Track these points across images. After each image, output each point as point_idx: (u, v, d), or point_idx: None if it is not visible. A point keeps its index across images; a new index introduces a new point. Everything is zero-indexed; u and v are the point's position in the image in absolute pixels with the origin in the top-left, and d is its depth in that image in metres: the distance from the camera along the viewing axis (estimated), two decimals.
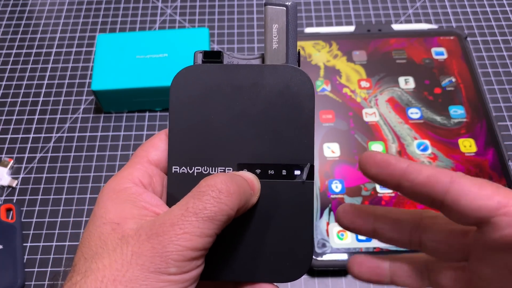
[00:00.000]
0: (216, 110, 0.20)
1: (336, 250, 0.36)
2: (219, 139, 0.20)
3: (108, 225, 0.19)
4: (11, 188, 0.42)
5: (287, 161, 0.20)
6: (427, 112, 0.43)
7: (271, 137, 0.20)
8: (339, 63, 0.47)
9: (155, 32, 0.47)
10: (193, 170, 0.20)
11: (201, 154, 0.20)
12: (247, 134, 0.20)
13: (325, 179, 0.40)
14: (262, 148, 0.20)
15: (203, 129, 0.20)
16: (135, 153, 0.22)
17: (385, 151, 0.41)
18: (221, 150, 0.20)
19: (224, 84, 0.21)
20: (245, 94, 0.20)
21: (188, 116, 0.21)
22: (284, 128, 0.20)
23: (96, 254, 0.18)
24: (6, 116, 0.46)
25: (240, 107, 0.20)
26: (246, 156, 0.20)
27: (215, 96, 0.21)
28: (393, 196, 0.39)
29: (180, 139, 0.21)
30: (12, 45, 0.51)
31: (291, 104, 0.20)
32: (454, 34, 0.48)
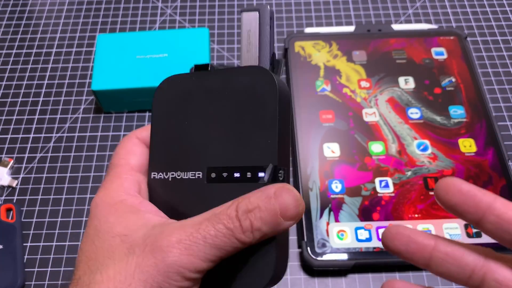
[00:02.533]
0: (189, 117, 0.21)
1: (336, 250, 0.36)
2: (191, 145, 0.21)
3: (118, 238, 0.19)
4: (11, 188, 0.42)
5: (251, 163, 0.19)
6: (427, 112, 0.43)
7: (237, 139, 0.20)
8: (339, 63, 0.47)
9: (155, 32, 0.47)
10: (168, 175, 0.21)
11: (175, 160, 0.21)
12: (217, 138, 0.20)
13: (325, 179, 0.40)
14: (229, 151, 0.20)
15: (177, 135, 0.21)
16: (114, 162, 0.22)
17: (385, 151, 0.41)
18: (193, 155, 0.21)
19: (197, 91, 0.21)
20: (215, 98, 0.21)
21: (166, 125, 0.21)
22: (249, 130, 0.20)
23: (103, 265, 0.18)
24: (6, 116, 0.46)
25: (210, 112, 0.21)
26: (215, 160, 0.20)
27: (189, 104, 0.21)
28: (393, 196, 0.39)
29: (159, 147, 0.21)
30: (12, 45, 0.51)
31: (256, 105, 0.20)
32: (454, 34, 0.48)
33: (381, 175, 0.40)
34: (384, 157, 0.41)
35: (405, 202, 0.38)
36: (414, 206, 0.38)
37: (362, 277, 0.37)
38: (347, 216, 0.38)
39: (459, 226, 0.37)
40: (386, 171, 0.40)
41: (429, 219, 0.37)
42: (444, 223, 0.37)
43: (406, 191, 0.39)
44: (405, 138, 0.42)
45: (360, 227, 0.37)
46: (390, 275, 0.37)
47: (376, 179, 0.39)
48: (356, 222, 0.37)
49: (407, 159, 0.41)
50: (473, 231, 0.37)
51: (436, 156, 0.41)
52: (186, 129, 0.21)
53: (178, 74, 0.22)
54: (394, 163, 0.40)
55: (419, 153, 0.41)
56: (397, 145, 0.42)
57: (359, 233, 0.37)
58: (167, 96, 0.22)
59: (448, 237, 0.36)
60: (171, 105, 0.21)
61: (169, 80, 0.22)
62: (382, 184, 0.39)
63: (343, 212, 0.38)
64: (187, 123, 0.21)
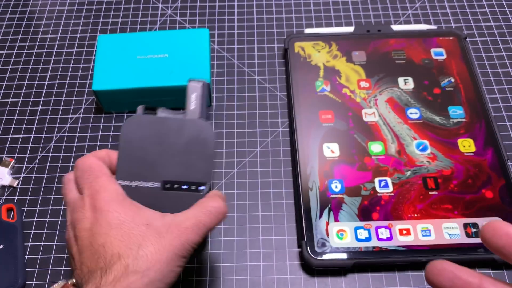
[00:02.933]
0: (149, 145, 0.29)
1: (336, 249, 0.36)
2: (151, 164, 0.29)
3: (143, 226, 0.26)
4: (12, 188, 0.42)
5: (196, 180, 0.29)
6: (426, 112, 0.44)
7: (186, 165, 0.29)
8: (339, 63, 0.47)
9: (155, 33, 0.48)
10: (132, 183, 0.29)
11: (138, 173, 0.29)
12: (170, 161, 0.29)
13: (325, 178, 0.40)
14: (180, 172, 0.29)
15: (140, 157, 0.29)
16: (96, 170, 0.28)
17: (385, 151, 0.41)
18: (152, 171, 0.29)
19: (156, 129, 0.30)
20: (170, 136, 0.30)
21: (132, 147, 0.29)
22: (194, 159, 0.29)
23: (141, 244, 0.26)
24: (7, 116, 0.46)
25: (166, 144, 0.29)
26: (168, 176, 0.29)
27: (149, 137, 0.30)
28: (392, 196, 0.39)
29: (125, 161, 0.29)
30: (13, 45, 0.52)
31: (199, 144, 0.30)
32: (453, 35, 0.48)
33: (381, 175, 0.40)
34: (383, 157, 0.41)
35: (404, 202, 0.38)
36: (413, 206, 0.38)
37: (361, 276, 0.37)
38: (346, 215, 0.38)
39: (458, 226, 0.37)
40: (385, 171, 0.40)
41: (429, 219, 0.37)
42: (443, 223, 0.37)
43: (406, 191, 0.39)
44: (404, 138, 0.42)
45: (359, 226, 0.37)
46: (389, 275, 0.37)
47: (375, 179, 0.40)
48: (356, 221, 0.37)
49: (406, 159, 0.41)
50: (472, 231, 0.37)
51: (436, 156, 0.41)
52: (147, 154, 0.29)
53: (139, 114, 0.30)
54: (393, 163, 0.41)
55: (418, 153, 0.41)
56: (396, 145, 0.42)
57: (359, 233, 0.37)
58: (131, 130, 0.30)
59: (447, 237, 0.37)
60: (135, 136, 0.29)
61: (133, 118, 0.30)
62: (381, 184, 0.39)
63: (342, 211, 0.38)
64: (148, 149, 0.29)
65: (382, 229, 0.37)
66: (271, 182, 0.42)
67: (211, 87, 0.45)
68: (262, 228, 0.39)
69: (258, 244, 0.39)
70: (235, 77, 0.48)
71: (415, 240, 0.36)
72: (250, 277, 0.37)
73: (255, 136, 0.44)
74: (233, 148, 0.44)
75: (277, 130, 0.45)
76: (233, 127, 0.45)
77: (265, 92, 0.47)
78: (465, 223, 0.37)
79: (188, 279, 0.37)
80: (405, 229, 0.37)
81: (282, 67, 0.49)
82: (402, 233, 0.37)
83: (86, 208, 0.27)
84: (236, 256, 0.38)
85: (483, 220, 0.37)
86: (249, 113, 0.46)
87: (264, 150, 0.44)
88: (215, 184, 0.42)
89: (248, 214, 0.40)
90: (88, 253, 0.26)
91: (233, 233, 0.39)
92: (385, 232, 0.37)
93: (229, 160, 0.43)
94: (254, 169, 0.42)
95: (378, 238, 0.37)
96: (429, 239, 0.36)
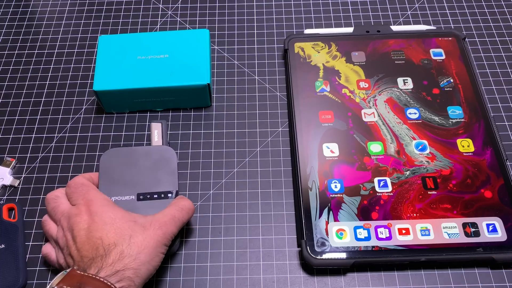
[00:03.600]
0: (125, 168, 0.38)
1: (335, 249, 0.36)
2: (127, 182, 0.37)
3: (131, 222, 0.33)
4: (13, 188, 0.42)
5: (164, 190, 0.37)
6: (425, 112, 0.44)
7: (155, 179, 0.38)
8: (338, 63, 0.47)
9: (156, 34, 0.48)
10: (112, 198, 0.36)
11: (116, 189, 0.37)
12: (142, 179, 0.38)
13: (325, 178, 0.40)
14: (151, 185, 0.37)
15: (117, 178, 0.37)
16: (86, 184, 0.35)
17: (384, 151, 0.42)
18: (128, 188, 0.37)
19: (128, 156, 0.39)
20: (140, 160, 0.38)
21: (109, 173, 0.38)
22: (161, 174, 0.38)
23: (131, 236, 0.32)
24: (8, 116, 0.47)
25: (137, 166, 0.38)
26: (142, 189, 0.37)
27: (124, 162, 0.38)
28: (391, 195, 0.39)
29: (105, 181, 0.37)
30: (15, 46, 0.52)
31: (164, 162, 0.38)
32: (452, 35, 0.49)
33: (380, 175, 0.40)
34: (382, 157, 0.41)
35: (403, 201, 0.39)
36: (412, 206, 0.38)
37: (361, 275, 0.37)
38: (346, 215, 0.38)
39: (457, 226, 0.37)
40: (385, 171, 0.40)
41: (428, 218, 0.38)
42: (442, 223, 0.37)
43: (405, 191, 0.39)
44: (403, 138, 0.42)
45: (359, 226, 0.37)
46: (388, 274, 0.37)
47: (375, 179, 0.40)
48: (355, 221, 0.38)
49: (405, 159, 0.41)
50: (471, 231, 0.37)
51: (435, 156, 0.41)
52: (123, 174, 0.38)
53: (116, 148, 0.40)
54: (392, 162, 0.41)
55: (417, 153, 0.41)
56: (395, 145, 0.42)
57: (358, 232, 0.37)
58: (109, 157, 0.38)
59: (446, 236, 0.37)
60: (113, 162, 0.38)
61: (111, 150, 0.39)
62: (380, 184, 0.39)
63: (342, 211, 0.38)
64: (123, 171, 0.38)
65: (382, 229, 0.37)
66: (271, 182, 0.42)
67: (211, 87, 0.45)
68: (262, 227, 0.39)
69: (258, 243, 0.39)
70: (235, 77, 0.49)
71: (414, 239, 0.37)
72: (250, 276, 0.37)
73: (255, 136, 0.45)
74: (233, 148, 0.44)
75: (277, 130, 0.45)
76: (233, 127, 0.45)
77: (265, 92, 0.47)
78: (464, 222, 0.37)
79: (189, 278, 0.37)
80: (404, 229, 0.37)
81: (282, 67, 0.49)
82: (401, 233, 0.37)
83: (82, 213, 0.33)
84: (236, 255, 0.38)
85: (482, 220, 0.37)
86: (249, 113, 0.46)
87: (264, 150, 0.44)
88: (216, 184, 0.42)
89: (248, 214, 0.40)
90: (87, 247, 0.31)
91: (233, 232, 0.39)
92: (385, 232, 0.37)
93: (229, 160, 0.43)
94: (254, 169, 0.43)
95: (378, 238, 0.37)
96: (428, 238, 0.37)
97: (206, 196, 0.41)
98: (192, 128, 0.45)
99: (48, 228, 0.35)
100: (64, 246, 0.33)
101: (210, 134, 0.45)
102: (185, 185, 0.42)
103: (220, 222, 0.40)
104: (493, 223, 0.37)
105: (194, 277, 0.37)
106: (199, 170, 0.43)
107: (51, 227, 0.35)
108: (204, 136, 0.45)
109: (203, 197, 0.41)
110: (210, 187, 0.42)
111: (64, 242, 0.33)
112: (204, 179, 0.42)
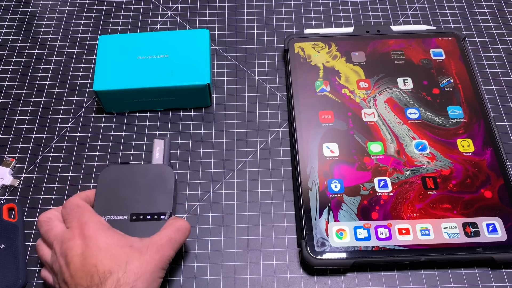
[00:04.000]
0: (120, 187, 0.37)
1: (336, 249, 0.36)
2: (122, 200, 0.36)
3: (126, 247, 0.32)
4: (13, 188, 0.42)
5: (158, 211, 0.36)
6: (425, 112, 0.44)
7: (149, 200, 0.36)
8: (338, 63, 0.47)
9: (156, 34, 0.48)
10: (106, 217, 0.35)
11: (110, 209, 0.36)
12: (137, 198, 0.36)
13: (325, 178, 0.40)
14: (144, 205, 0.36)
15: (112, 197, 0.37)
16: (82, 206, 0.34)
17: (384, 151, 0.42)
18: (121, 207, 0.36)
19: (126, 174, 0.38)
20: (137, 178, 0.37)
21: (106, 190, 0.37)
22: (157, 194, 0.37)
23: (127, 262, 0.31)
24: (8, 116, 0.47)
25: (133, 184, 0.37)
26: (135, 210, 0.36)
27: (120, 180, 0.37)
28: (391, 195, 0.39)
29: (100, 201, 0.36)
30: (15, 46, 0.52)
31: (160, 182, 0.37)
32: (452, 35, 0.49)
33: (380, 175, 0.40)
34: (382, 157, 0.41)
35: (403, 201, 0.39)
36: (412, 206, 0.38)
37: (361, 276, 0.37)
38: (346, 215, 0.38)
39: (457, 226, 0.37)
40: (385, 171, 0.40)
41: (428, 218, 0.38)
42: (442, 223, 0.37)
43: (405, 191, 0.39)
44: (403, 138, 0.42)
45: (359, 226, 0.37)
46: (388, 274, 0.37)
47: (375, 179, 0.40)
48: (355, 221, 0.38)
49: (405, 159, 0.41)
50: (471, 230, 0.37)
51: (434, 156, 0.41)
52: (120, 193, 0.37)
53: (115, 165, 0.39)
54: (392, 162, 0.41)
55: (417, 153, 0.41)
56: (395, 145, 0.42)
57: (358, 232, 0.37)
58: (108, 176, 0.38)
59: (446, 236, 0.37)
60: (111, 180, 0.37)
61: (110, 167, 0.38)
62: (381, 184, 0.40)
63: (342, 211, 0.38)
64: (120, 189, 0.37)
65: (382, 229, 0.37)
66: (271, 182, 0.42)
67: (211, 87, 0.45)
68: (262, 227, 0.39)
69: (258, 243, 0.39)
70: (235, 77, 0.49)
71: (414, 239, 0.37)
72: (250, 276, 0.37)
73: (255, 136, 0.45)
74: (233, 148, 0.44)
75: (277, 130, 0.45)
76: (233, 127, 0.45)
77: (265, 92, 0.48)
78: (464, 222, 0.37)
79: (189, 278, 0.37)
80: (404, 229, 0.37)
81: (282, 67, 0.49)
82: (402, 233, 0.37)
83: (76, 237, 0.31)
84: (236, 255, 0.38)
85: (482, 220, 0.37)
86: (249, 113, 0.46)
87: (264, 150, 0.44)
88: (216, 184, 0.42)
89: (248, 214, 0.40)
90: (81, 274, 0.30)
91: (233, 232, 0.39)
92: (385, 232, 0.37)
93: (229, 160, 0.43)
94: (254, 169, 0.43)
95: (378, 238, 0.37)
96: (428, 238, 0.37)
97: (206, 196, 0.41)
98: (192, 128, 0.45)
99: (42, 253, 0.34)
100: (58, 272, 0.31)
101: (210, 134, 0.45)
102: (185, 185, 0.42)
103: (220, 222, 0.40)
104: (493, 223, 0.37)
105: (194, 277, 0.37)
106: (199, 170, 0.43)
107: (44, 252, 0.33)
108: (204, 136, 0.45)
109: (203, 197, 0.41)
110: (210, 187, 0.42)
111: (58, 268, 0.31)
112: (204, 179, 0.42)
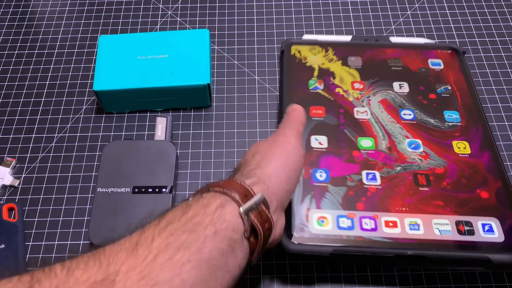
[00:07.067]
0: (125, 160, 0.40)
1: (315, 235, 0.35)
2: (125, 174, 0.39)
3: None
4: (13, 188, 0.42)
5: (159, 184, 0.38)
6: (420, 114, 0.43)
7: (151, 174, 0.39)
8: (334, 65, 0.47)
9: (156, 34, 0.48)
10: (109, 189, 0.38)
11: (113, 182, 0.39)
12: (139, 172, 0.39)
13: (310, 167, 0.39)
14: (146, 179, 0.39)
15: (116, 169, 0.39)
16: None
17: (375, 146, 0.40)
18: (125, 179, 0.39)
19: (129, 149, 0.40)
20: (140, 153, 0.40)
21: (109, 165, 0.39)
22: (159, 168, 0.39)
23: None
24: (8, 116, 0.47)
25: (136, 159, 0.40)
26: (137, 183, 0.38)
27: (123, 155, 0.40)
28: (380, 188, 0.38)
29: (103, 175, 0.39)
30: (15, 46, 0.52)
31: (162, 157, 0.40)
32: (451, 49, 0.48)
33: (369, 168, 0.39)
34: (373, 152, 0.40)
35: (392, 195, 0.37)
36: (402, 200, 0.37)
37: (361, 275, 0.37)
38: (329, 203, 0.36)
39: (449, 223, 0.36)
40: (374, 165, 0.39)
41: (418, 213, 0.36)
42: (433, 219, 0.36)
43: (394, 185, 0.37)
44: (396, 136, 0.41)
45: (342, 215, 0.36)
46: (389, 274, 0.37)
47: (363, 171, 0.38)
48: (339, 210, 0.36)
49: (397, 155, 0.40)
50: (465, 229, 0.35)
51: (428, 154, 0.40)
52: (122, 166, 0.39)
53: (119, 140, 0.43)
54: (383, 158, 0.39)
55: (410, 150, 0.40)
56: (387, 141, 0.41)
57: (341, 221, 0.36)
58: (111, 150, 0.40)
59: (438, 232, 0.35)
60: (114, 155, 0.40)
61: (114, 142, 0.41)
62: (369, 177, 0.38)
63: (325, 199, 0.37)
64: (123, 163, 0.40)
65: (367, 220, 0.35)
66: None
67: (211, 87, 0.45)
68: None
69: None
70: (235, 77, 0.49)
71: (401, 233, 0.35)
72: (250, 276, 0.37)
73: (255, 136, 0.45)
74: (233, 148, 0.44)
75: None
76: (233, 127, 0.46)
77: (265, 92, 0.48)
78: (457, 220, 0.36)
79: None
80: (392, 221, 0.35)
81: None
82: (388, 225, 0.35)
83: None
84: None
85: (477, 219, 0.36)
86: (249, 113, 0.46)
87: None
88: None
89: None
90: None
91: None
92: (370, 223, 0.35)
93: (229, 160, 0.43)
94: None
95: (362, 228, 0.35)
96: (417, 233, 0.35)
97: None
98: (192, 128, 0.46)
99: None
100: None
101: (210, 134, 0.45)
102: (185, 185, 0.42)
103: None
104: (489, 223, 0.36)
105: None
106: (199, 170, 0.43)
107: None
108: (204, 136, 0.45)
109: None
110: None
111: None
112: (204, 179, 0.42)
